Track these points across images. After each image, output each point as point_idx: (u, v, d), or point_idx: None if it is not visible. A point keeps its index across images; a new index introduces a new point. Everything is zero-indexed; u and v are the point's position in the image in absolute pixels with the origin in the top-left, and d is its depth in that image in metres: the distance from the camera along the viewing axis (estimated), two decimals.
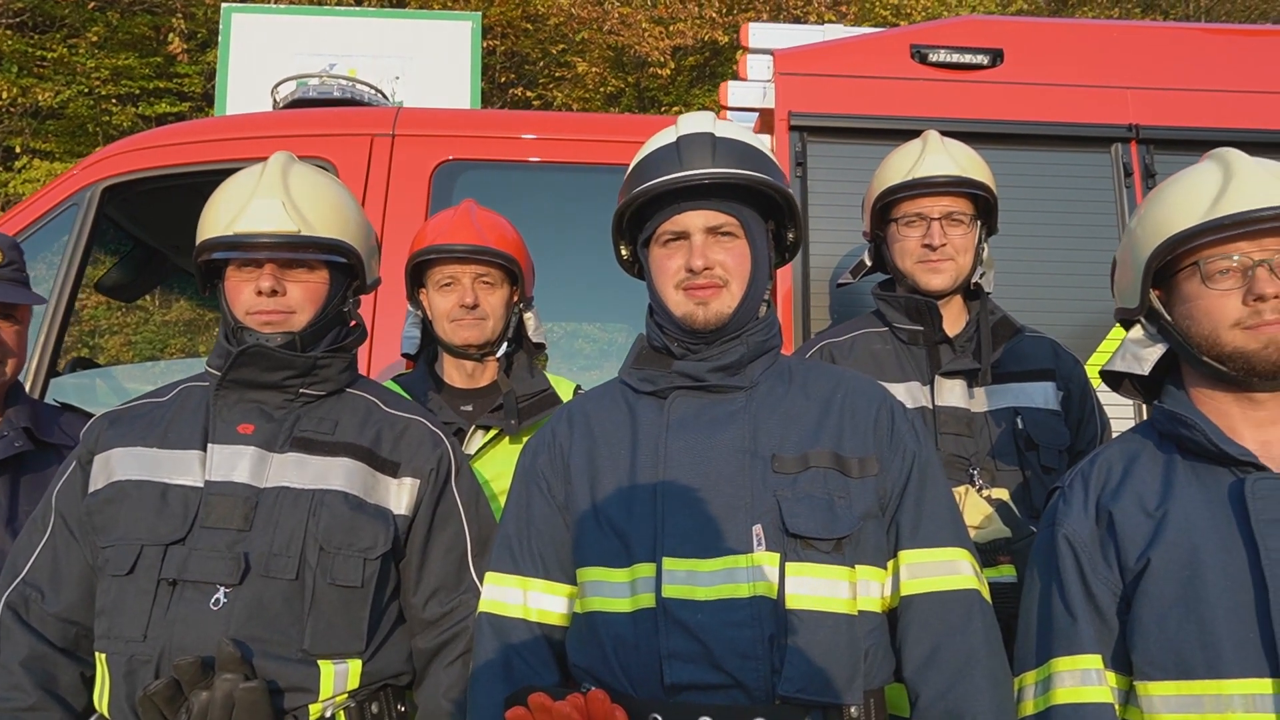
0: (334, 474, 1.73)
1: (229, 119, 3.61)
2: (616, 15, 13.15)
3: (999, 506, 2.10)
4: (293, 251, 1.74)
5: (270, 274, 1.72)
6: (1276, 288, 1.40)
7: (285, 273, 1.74)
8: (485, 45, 13.24)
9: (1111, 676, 1.47)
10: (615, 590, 1.54)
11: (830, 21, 13.56)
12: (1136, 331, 1.60)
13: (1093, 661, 1.46)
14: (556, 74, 13.89)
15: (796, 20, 13.45)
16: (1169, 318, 1.53)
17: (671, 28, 13.28)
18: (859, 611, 1.50)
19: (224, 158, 3.06)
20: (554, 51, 13.82)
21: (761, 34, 3.18)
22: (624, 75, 14.02)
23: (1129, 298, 1.60)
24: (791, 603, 1.47)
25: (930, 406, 2.21)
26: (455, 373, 2.42)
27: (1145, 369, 1.57)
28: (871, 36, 3.07)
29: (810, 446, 1.58)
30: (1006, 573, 2.00)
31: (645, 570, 1.52)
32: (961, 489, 2.11)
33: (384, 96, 4.67)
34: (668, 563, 1.50)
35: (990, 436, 2.19)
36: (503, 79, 14.13)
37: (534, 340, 2.46)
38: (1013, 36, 3.00)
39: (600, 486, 1.61)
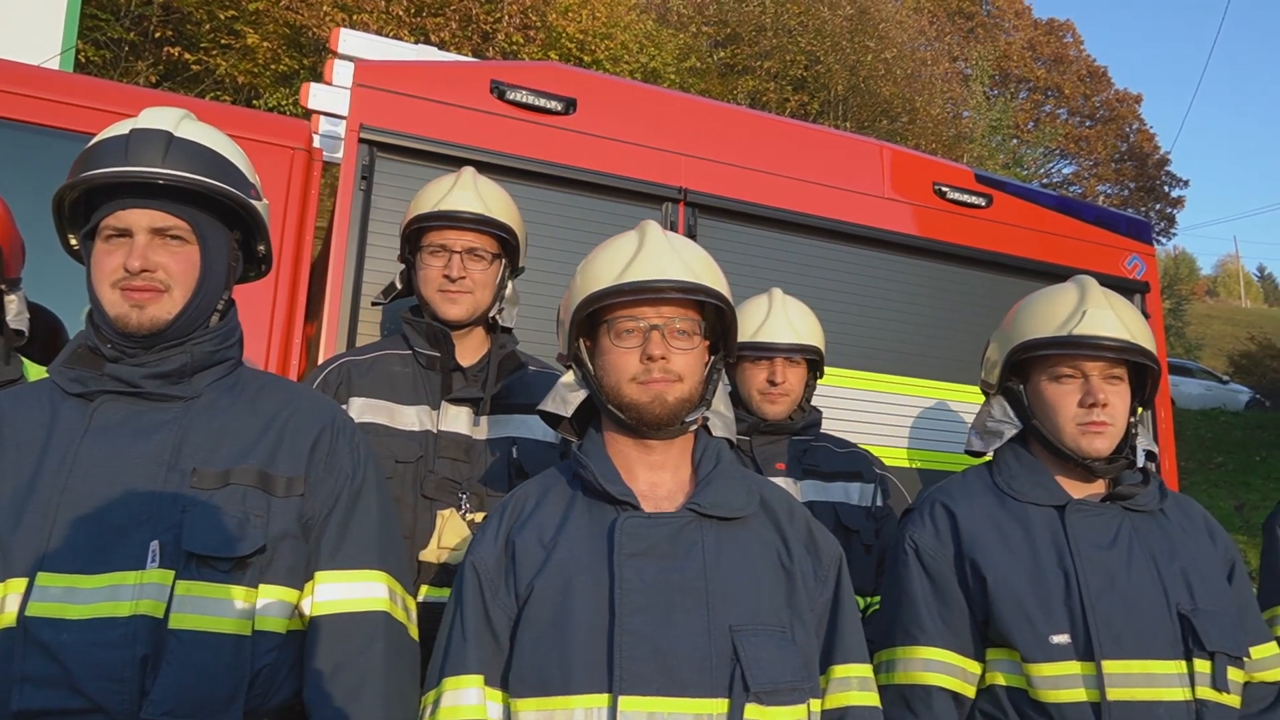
0: None
1: None
2: None
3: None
4: None
5: None
6: (664, 350, 1.60)
7: None
8: None
9: (500, 695, 1.58)
10: None
11: (518, 43, 13.83)
12: (568, 376, 1.75)
13: (474, 681, 1.55)
14: (223, 41, 12.85)
15: (485, 35, 13.52)
16: (590, 367, 1.69)
17: (355, 17, 12.79)
18: (254, 632, 1.50)
19: None
20: (223, 17, 12.78)
21: (351, 41, 3.15)
22: (300, 56, 13.28)
23: (563, 344, 1.75)
24: (175, 622, 1.43)
25: (434, 431, 2.28)
26: None
27: (569, 411, 1.72)
28: (455, 65, 3.15)
29: (238, 463, 1.56)
30: None
31: (18, 586, 1.41)
32: (446, 512, 2.20)
33: None
34: (43, 578, 1.41)
35: (485, 463, 2.29)
36: (159, 34, 12.83)
37: (14, 327, 2.22)
38: (588, 89, 3.21)
39: None
